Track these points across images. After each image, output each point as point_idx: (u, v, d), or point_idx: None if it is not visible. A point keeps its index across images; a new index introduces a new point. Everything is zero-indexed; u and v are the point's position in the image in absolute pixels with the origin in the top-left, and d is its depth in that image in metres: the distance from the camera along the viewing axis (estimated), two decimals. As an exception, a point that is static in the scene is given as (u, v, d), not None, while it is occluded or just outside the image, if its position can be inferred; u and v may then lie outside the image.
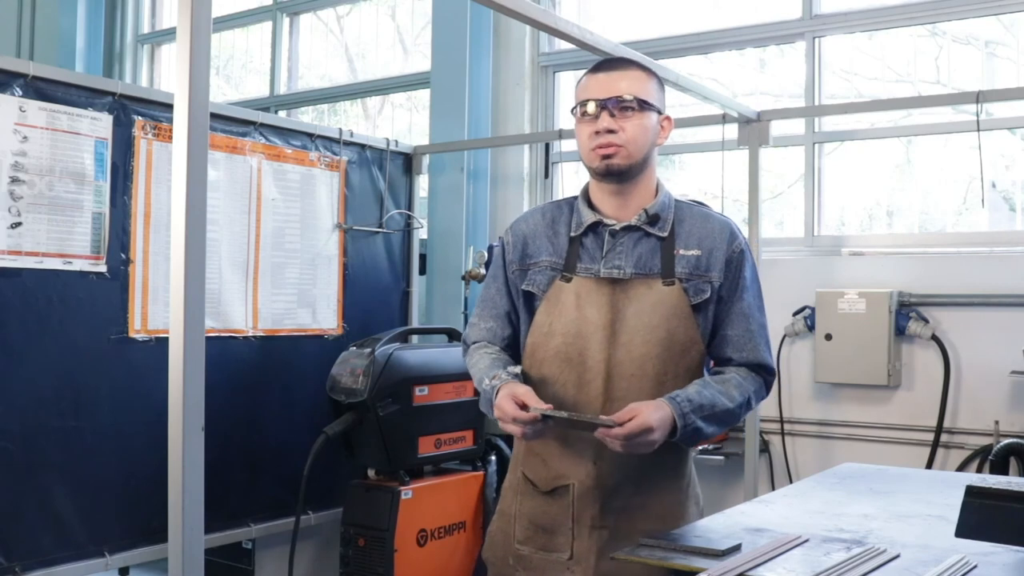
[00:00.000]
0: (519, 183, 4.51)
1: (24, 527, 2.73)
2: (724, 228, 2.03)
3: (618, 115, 1.95)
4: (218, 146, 3.26)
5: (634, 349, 1.94)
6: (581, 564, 1.97)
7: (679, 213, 2.04)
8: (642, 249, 1.99)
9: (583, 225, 2.02)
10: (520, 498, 2.06)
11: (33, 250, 2.76)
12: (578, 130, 2.01)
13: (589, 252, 2.01)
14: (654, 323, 1.95)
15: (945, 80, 3.76)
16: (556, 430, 1.94)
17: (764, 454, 3.67)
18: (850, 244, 3.75)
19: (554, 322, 1.99)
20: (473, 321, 2.16)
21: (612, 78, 1.97)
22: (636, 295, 1.96)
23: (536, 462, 2.04)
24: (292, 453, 3.39)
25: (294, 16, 5.67)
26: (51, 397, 2.80)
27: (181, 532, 1.57)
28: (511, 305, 2.10)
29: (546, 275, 2.03)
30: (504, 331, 2.11)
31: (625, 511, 1.98)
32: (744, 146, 3.41)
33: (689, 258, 1.98)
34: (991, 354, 3.31)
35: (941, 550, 1.61)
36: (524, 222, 2.12)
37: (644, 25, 4.37)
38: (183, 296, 1.57)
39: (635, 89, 1.96)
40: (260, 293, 3.41)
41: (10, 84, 2.71)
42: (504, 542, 2.08)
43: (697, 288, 1.97)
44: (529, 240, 2.07)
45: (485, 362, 2.04)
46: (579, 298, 1.98)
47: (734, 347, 2.02)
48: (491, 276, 2.15)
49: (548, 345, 1.99)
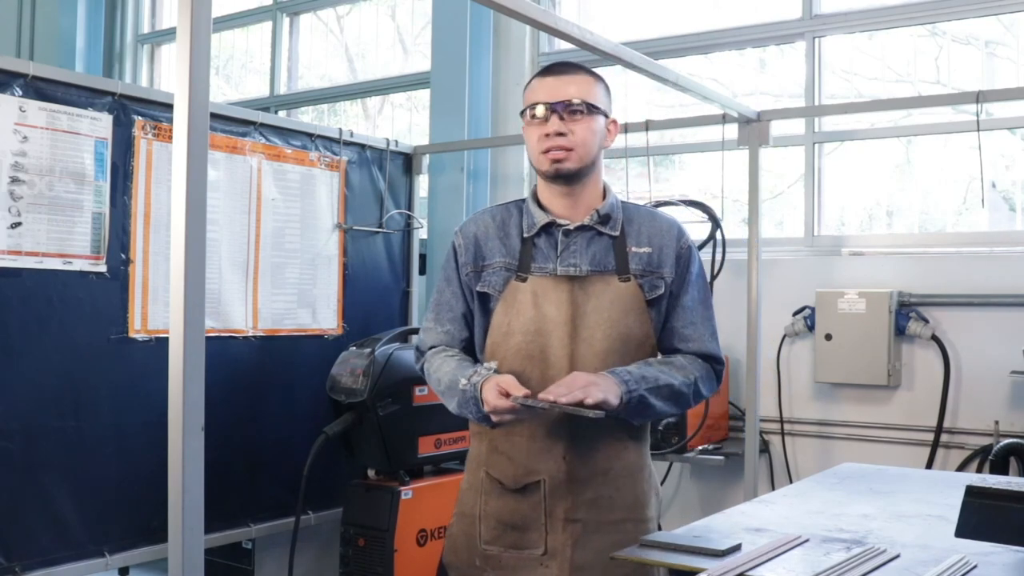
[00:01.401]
0: (519, 183, 4.51)
1: (24, 527, 2.73)
2: (672, 226, 2.12)
3: (567, 118, 1.99)
4: (218, 146, 3.26)
5: (596, 343, 2.00)
6: (556, 559, 2.00)
7: (627, 213, 2.11)
8: (596, 248, 2.05)
9: (536, 226, 2.07)
10: (484, 498, 2.08)
11: (33, 250, 2.76)
12: (527, 133, 2.06)
13: (543, 252, 2.05)
14: (614, 318, 2.01)
15: (945, 80, 3.76)
16: (525, 425, 2.01)
17: (764, 454, 3.67)
18: (850, 244, 3.75)
19: (512, 321, 2.03)
20: (428, 326, 2.18)
21: (560, 82, 2.01)
22: (595, 291, 2.02)
23: (502, 461, 2.07)
24: (292, 453, 3.39)
25: (294, 16, 5.67)
26: (51, 397, 2.80)
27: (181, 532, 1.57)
28: (467, 307, 2.13)
29: (501, 276, 2.06)
30: (462, 334, 2.14)
31: (596, 503, 2.03)
32: (744, 146, 3.41)
33: (641, 255, 2.06)
34: (991, 354, 3.31)
35: (941, 550, 1.61)
36: (474, 224, 2.15)
37: (644, 25, 4.37)
38: (183, 296, 1.57)
39: (583, 93, 2.00)
40: (260, 293, 3.41)
41: (10, 84, 2.71)
42: (468, 544, 2.10)
43: (652, 284, 2.05)
44: (481, 242, 2.11)
45: (451, 364, 2.06)
46: (536, 296, 2.02)
47: (680, 338, 2.10)
48: (443, 280, 2.17)
49: (508, 344, 2.02)
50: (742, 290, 3.43)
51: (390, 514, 3.27)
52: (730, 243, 3.64)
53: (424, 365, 2.17)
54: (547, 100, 2.00)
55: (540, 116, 2.00)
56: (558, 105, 1.99)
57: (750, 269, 3.38)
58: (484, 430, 2.11)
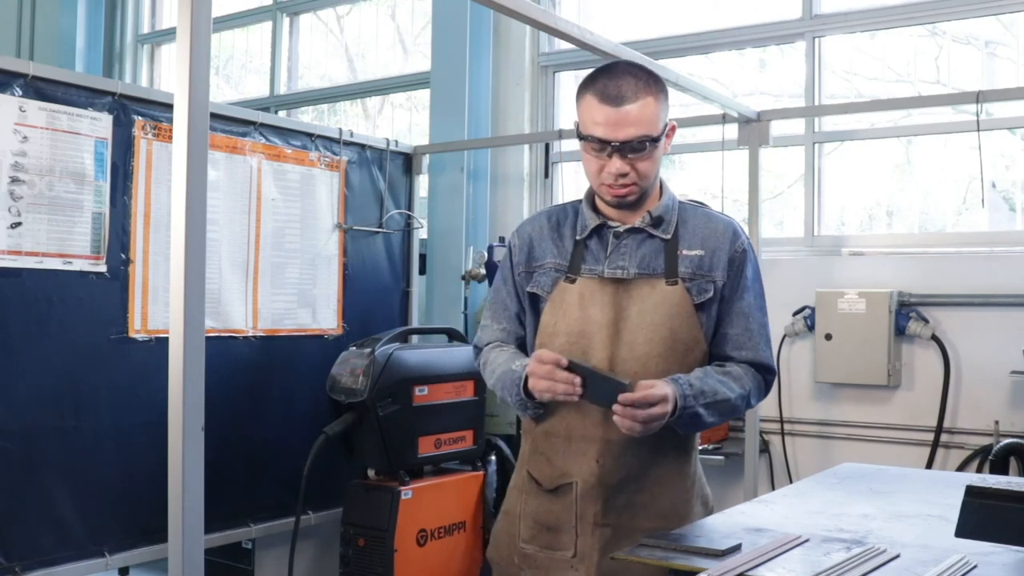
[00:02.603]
0: (519, 183, 4.51)
1: (24, 527, 2.73)
2: (727, 228, 2.04)
3: (631, 156, 1.91)
4: (218, 146, 3.26)
5: (637, 348, 1.96)
6: (584, 562, 1.99)
7: (682, 215, 2.05)
8: (646, 250, 2.01)
9: (588, 228, 2.04)
10: (525, 497, 2.08)
11: (33, 250, 2.76)
12: (585, 157, 1.98)
13: (593, 254, 2.03)
14: (657, 322, 1.96)
15: (945, 80, 3.76)
16: (563, 425, 1.99)
17: (764, 454, 3.67)
18: (850, 244, 3.75)
19: (558, 322, 2.01)
20: (485, 323, 2.18)
21: (624, 114, 1.88)
22: (640, 295, 1.98)
23: (541, 460, 2.06)
24: (292, 453, 3.39)
25: (294, 16, 5.67)
26: (51, 397, 2.80)
27: (181, 532, 1.57)
28: (520, 307, 2.12)
29: (550, 277, 2.05)
30: (518, 332, 2.13)
31: (628, 509, 1.99)
32: (744, 146, 3.41)
33: (692, 258, 2.00)
34: (991, 354, 3.31)
35: (941, 550, 1.61)
36: (530, 225, 2.14)
37: (644, 25, 4.37)
38: (183, 296, 1.57)
39: (646, 126, 1.89)
40: (260, 293, 3.41)
41: (10, 84, 2.71)
42: (509, 542, 2.10)
43: (700, 288, 1.99)
44: (535, 243, 2.10)
45: (505, 355, 2.06)
46: (583, 298, 2.00)
47: (734, 345, 2.03)
48: (500, 279, 2.17)
49: (552, 345, 2.00)
50: (742, 290, 3.43)
51: (390, 514, 3.27)
52: (730, 243, 3.64)
53: (480, 361, 2.16)
54: (609, 137, 1.88)
55: (602, 151, 1.91)
56: (622, 146, 1.89)
57: (750, 269, 3.38)
58: (529, 429, 2.10)
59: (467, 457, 3.63)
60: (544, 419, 2.04)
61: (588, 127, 1.92)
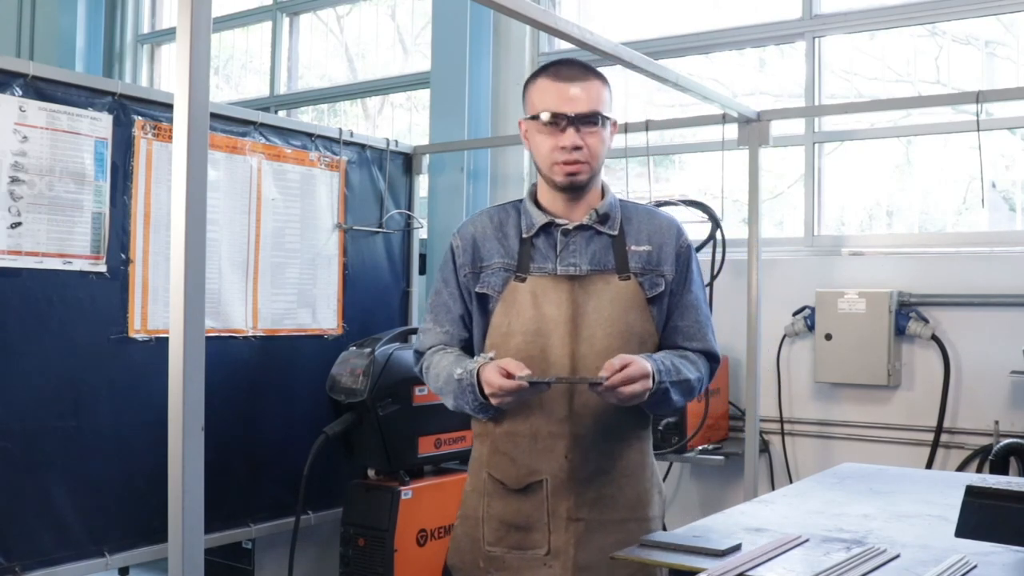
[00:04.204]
0: (519, 183, 4.51)
1: (24, 527, 2.73)
2: (671, 225, 2.13)
3: (582, 131, 1.98)
4: (218, 146, 3.26)
5: (597, 342, 2.00)
6: (559, 558, 2.01)
7: (626, 212, 2.12)
8: (595, 247, 2.06)
9: (535, 226, 2.07)
10: (487, 500, 2.09)
11: (33, 250, 2.76)
12: (536, 138, 2.03)
13: (542, 252, 2.06)
14: (614, 316, 2.02)
15: (945, 80, 3.76)
16: (527, 426, 2.02)
17: (764, 454, 3.67)
18: (850, 244, 3.75)
19: (512, 321, 2.03)
20: (426, 327, 2.18)
21: (577, 91, 1.98)
22: (595, 290, 2.02)
23: (504, 461, 2.07)
24: (292, 453, 3.39)
25: (294, 16, 5.67)
26: (51, 397, 2.80)
27: (181, 532, 1.57)
28: (465, 309, 2.13)
29: (500, 276, 2.07)
30: (461, 334, 2.14)
31: (599, 502, 2.03)
32: (744, 146, 3.41)
33: (641, 253, 2.07)
34: (991, 354, 3.31)
35: (941, 550, 1.61)
36: (472, 225, 2.16)
37: (644, 25, 4.37)
38: (183, 296, 1.57)
39: (597, 103, 1.99)
40: (260, 293, 3.41)
41: (10, 84, 2.71)
42: (472, 546, 2.10)
43: (652, 282, 2.06)
44: (479, 243, 2.11)
45: (449, 359, 2.06)
46: (536, 297, 2.02)
47: (685, 336, 2.11)
48: (441, 282, 2.17)
49: (508, 344, 2.02)
50: (742, 290, 3.43)
51: (390, 514, 3.27)
52: (730, 243, 3.64)
53: (423, 365, 2.16)
54: (564, 111, 1.96)
55: (556, 125, 1.97)
56: (577, 118, 1.97)
57: (750, 269, 3.38)
58: (486, 432, 2.10)
59: (467, 457, 3.61)
60: (503, 420, 2.05)
61: (543, 105, 1.99)
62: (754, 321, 3.38)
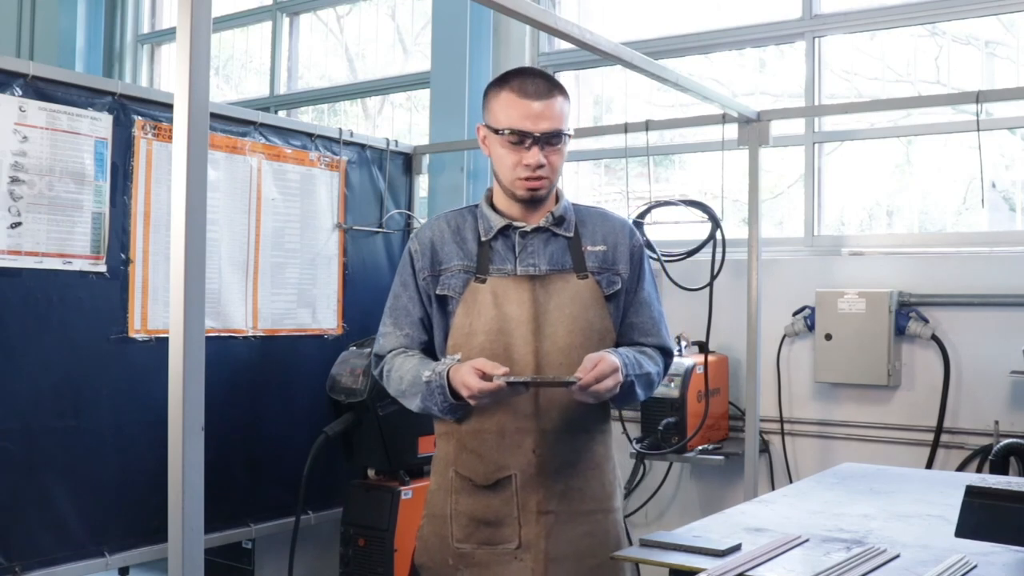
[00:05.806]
0: (519, 183, 4.51)
1: (24, 527, 2.73)
2: (624, 226, 2.21)
3: (546, 148, 2.03)
4: (218, 146, 3.26)
5: (559, 339, 2.05)
6: (530, 551, 2.04)
7: (579, 215, 2.19)
8: (553, 248, 2.12)
9: (493, 229, 2.11)
10: (456, 497, 2.11)
11: (33, 250, 2.76)
12: (498, 151, 2.07)
13: (500, 254, 2.11)
14: (575, 314, 2.07)
15: (945, 80, 3.76)
16: (494, 422, 2.05)
17: (764, 454, 3.66)
18: (850, 244, 3.75)
19: (474, 322, 2.06)
20: (386, 331, 2.19)
21: (543, 108, 2.02)
22: (555, 289, 2.08)
23: (471, 458, 2.09)
24: (292, 453, 3.39)
25: (294, 16, 5.67)
26: (51, 397, 2.81)
27: (181, 532, 1.57)
28: (424, 312, 2.16)
29: (460, 278, 2.10)
30: (421, 337, 2.16)
31: (567, 494, 2.08)
32: (744, 146, 3.41)
33: (597, 253, 2.13)
34: (991, 354, 3.31)
35: (941, 550, 1.61)
36: (429, 230, 2.19)
37: (644, 25, 4.37)
38: (183, 296, 1.57)
39: (560, 121, 2.04)
40: (260, 293, 3.41)
41: (10, 84, 2.71)
42: (440, 544, 2.12)
43: (609, 280, 2.13)
44: (437, 247, 2.14)
45: (412, 362, 2.08)
46: (496, 297, 2.06)
47: (641, 332, 2.18)
48: (400, 286, 2.19)
49: (471, 344, 2.05)
50: (742, 290, 3.43)
51: (390, 514, 3.27)
52: (730, 243, 3.64)
53: (383, 368, 2.17)
54: (531, 129, 2.01)
55: (520, 143, 2.02)
56: (543, 137, 2.02)
57: (750, 269, 3.39)
58: (451, 430, 2.12)
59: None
60: (469, 418, 2.07)
61: (509, 121, 2.02)
62: (754, 321, 3.38)
